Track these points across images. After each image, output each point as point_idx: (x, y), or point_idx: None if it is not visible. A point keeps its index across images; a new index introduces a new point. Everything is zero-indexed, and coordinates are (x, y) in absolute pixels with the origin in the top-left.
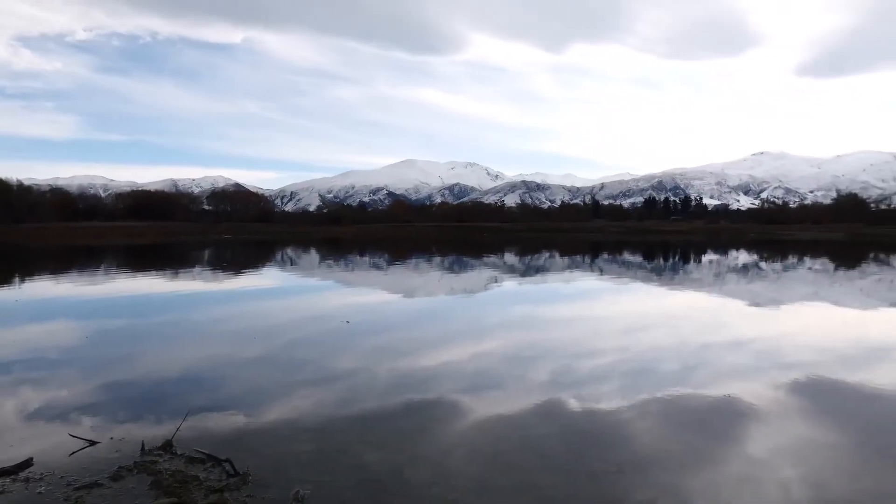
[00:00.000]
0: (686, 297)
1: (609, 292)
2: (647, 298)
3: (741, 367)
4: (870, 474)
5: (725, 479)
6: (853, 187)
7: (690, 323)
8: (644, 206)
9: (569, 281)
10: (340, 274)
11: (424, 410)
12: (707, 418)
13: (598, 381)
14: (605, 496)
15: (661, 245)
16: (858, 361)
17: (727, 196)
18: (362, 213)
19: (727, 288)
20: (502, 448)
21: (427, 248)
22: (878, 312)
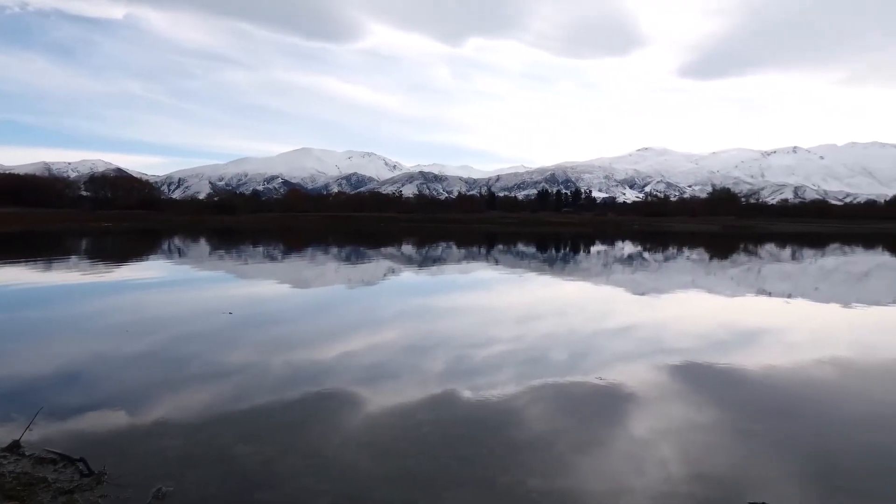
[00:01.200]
0: (576, 286)
1: (504, 282)
2: (539, 288)
3: (625, 354)
4: (739, 451)
5: (607, 459)
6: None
7: (580, 312)
8: (537, 198)
9: (465, 272)
10: (232, 265)
11: (308, 403)
12: (593, 402)
13: (491, 369)
14: (473, 478)
15: (554, 236)
16: (730, 346)
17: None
18: (256, 201)
19: (614, 278)
20: (382, 437)
21: (323, 238)
22: (747, 300)
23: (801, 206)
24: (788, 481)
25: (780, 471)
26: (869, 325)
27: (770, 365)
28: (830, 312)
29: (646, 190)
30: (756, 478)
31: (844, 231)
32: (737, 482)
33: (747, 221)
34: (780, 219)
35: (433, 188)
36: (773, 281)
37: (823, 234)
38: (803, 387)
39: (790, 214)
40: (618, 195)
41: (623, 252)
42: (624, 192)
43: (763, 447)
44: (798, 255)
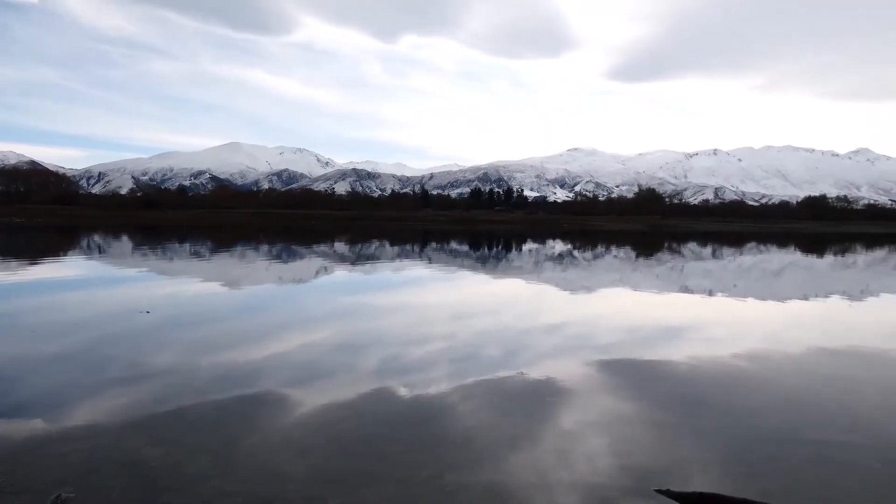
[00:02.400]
0: (508, 284)
1: (438, 280)
2: (473, 286)
3: (555, 349)
4: (665, 443)
5: (533, 453)
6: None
7: (513, 309)
8: (471, 196)
9: (398, 270)
10: (155, 263)
11: (230, 405)
12: (524, 398)
13: (424, 367)
14: (393, 475)
15: (487, 234)
16: (655, 340)
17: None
18: (182, 197)
19: (545, 276)
20: (305, 437)
21: (253, 235)
22: (671, 296)
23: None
24: (704, 468)
25: (698, 459)
26: (781, 320)
27: (692, 358)
28: (747, 308)
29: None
30: (674, 465)
31: (760, 230)
32: (657, 471)
33: (671, 220)
34: (701, 218)
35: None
36: (696, 278)
37: (741, 233)
38: (722, 378)
39: (711, 214)
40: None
41: (554, 250)
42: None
43: (683, 437)
44: (718, 253)
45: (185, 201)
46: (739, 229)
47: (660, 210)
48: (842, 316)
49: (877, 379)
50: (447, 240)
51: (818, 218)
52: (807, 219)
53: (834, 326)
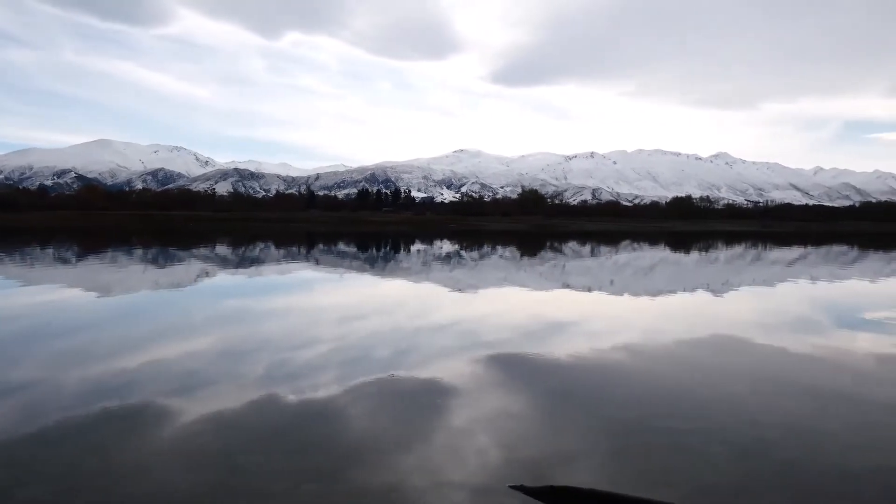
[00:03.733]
0: (398, 285)
1: (325, 282)
2: (361, 287)
3: (445, 348)
4: (550, 436)
5: (427, 451)
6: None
7: (402, 309)
8: (358, 197)
9: (284, 272)
10: (12, 269)
11: (100, 419)
12: (415, 397)
13: (313, 371)
14: (244, 487)
15: (375, 235)
16: (540, 336)
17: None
18: (44, 198)
19: (434, 275)
20: (185, 447)
21: (127, 238)
22: (554, 293)
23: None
24: (587, 459)
25: (581, 450)
26: (654, 313)
27: (574, 352)
28: (623, 302)
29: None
30: (558, 457)
31: (634, 229)
32: (543, 463)
33: (553, 220)
34: (580, 218)
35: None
36: (576, 276)
37: (617, 232)
38: (601, 371)
39: (589, 214)
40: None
41: (442, 250)
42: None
43: (558, 430)
44: (596, 251)
45: (48, 202)
46: (615, 228)
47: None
48: (707, 308)
49: (734, 367)
50: (334, 241)
51: (684, 217)
52: (675, 218)
53: (700, 318)
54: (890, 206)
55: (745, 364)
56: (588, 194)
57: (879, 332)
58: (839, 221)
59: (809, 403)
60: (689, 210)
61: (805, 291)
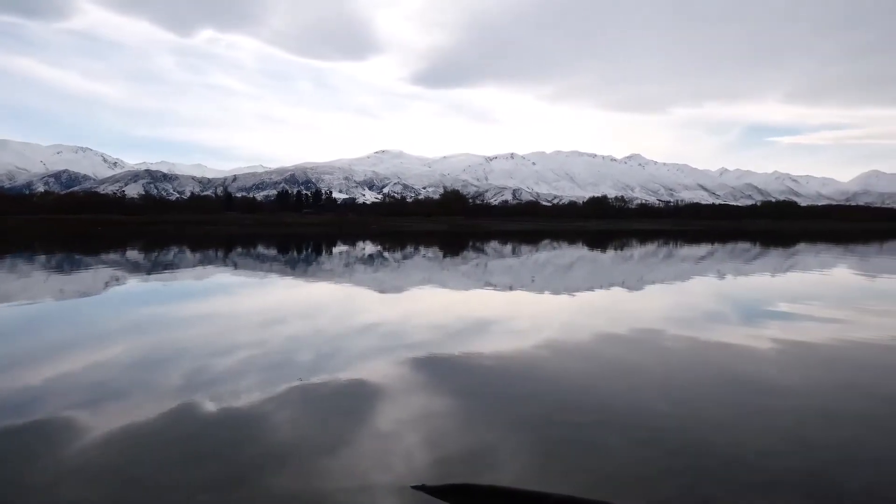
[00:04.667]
0: (320, 287)
1: (245, 287)
2: (283, 291)
3: (370, 350)
4: (473, 433)
5: (357, 458)
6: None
7: (325, 312)
8: (277, 198)
9: (201, 277)
10: None
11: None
12: (341, 401)
13: (233, 378)
14: (189, 490)
15: (295, 237)
16: (464, 335)
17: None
18: None
19: (357, 277)
20: (95, 463)
21: (28, 245)
22: (477, 292)
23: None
24: (511, 456)
25: (507, 447)
26: (574, 309)
27: (496, 351)
28: (544, 300)
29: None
30: (472, 455)
31: (553, 228)
32: (456, 461)
33: (475, 220)
34: (501, 218)
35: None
36: (498, 275)
37: (537, 231)
38: (523, 368)
39: (510, 214)
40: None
41: (364, 252)
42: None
43: (482, 427)
44: (517, 250)
45: None
46: (535, 228)
47: (464, 210)
48: (623, 304)
49: (642, 361)
50: (254, 244)
51: (601, 216)
52: (592, 217)
53: (616, 314)
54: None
55: (652, 358)
56: (509, 194)
57: (779, 324)
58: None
59: (708, 394)
60: (605, 209)
61: (712, 286)
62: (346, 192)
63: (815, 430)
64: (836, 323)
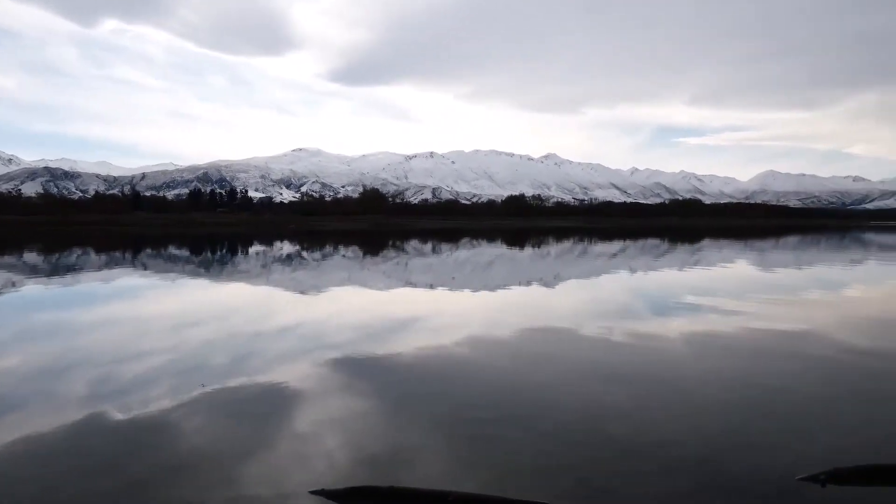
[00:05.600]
0: (235, 289)
1: (155, 289)
2: (196, 293)
3: (289, 352)
4: (396, 433)
5: (274, 463)
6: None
7: (241, 314)
8: (190, 197)
9: (108, 280)
10: None
11: None
12: (258, 405)
13: (144, 385)
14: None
15: (209, 238)
16: (385, 335)
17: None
18: None
19: (274, 277)
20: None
21: None
22: (398, 292)
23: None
24: (421, 455)
25: (418, 446)
26: (494, 307)
27: (416, 350)
28: (465, 297)
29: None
30: (396, 454)
31: (472, 226)
32: (389, 462)
33: (395, 219)
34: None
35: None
36: (419, 273)
37: (457, 230)
38: (447, 366)
39: (430, 212)
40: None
41: (282, 252)
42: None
43: (408, 427)
44: (437, 249)
45: None
46: (455, 226)
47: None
48: (540, 300)
49: (551, 356)
50: (164, 245)
51: (519, 214)
52: (510, 215)
53: (533, 310)
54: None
55: (563, 352)
56: (428, 193)
57: (685, 316)
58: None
59: (613, 385)
60: (523, 208)
61: (625, 282)
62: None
63: (710, 417)
64: (737, 314)
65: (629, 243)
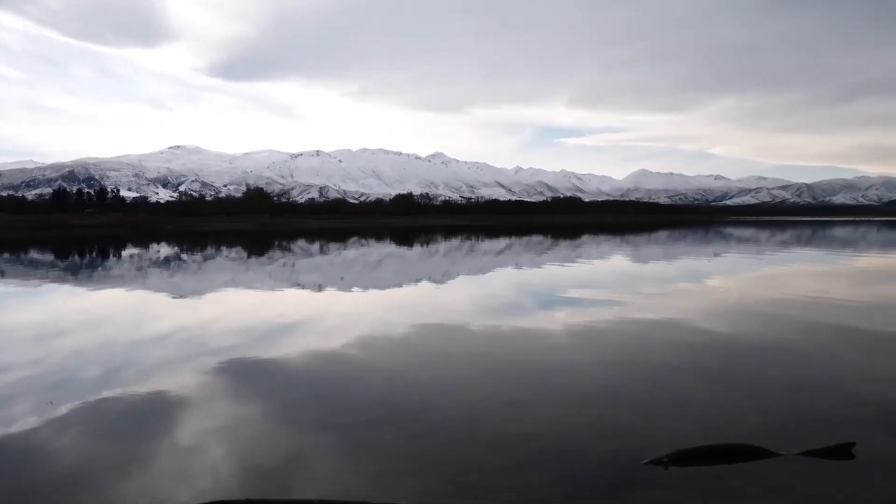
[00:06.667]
0: (108, 295)
1: (14, 297)
2: (63, 301)
3: (169, 360)
4: (284, 440)
5: (155, 477)
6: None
7: (114, 322)
8: (54, 197)
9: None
10: None
11: None
12: (136, 418)
13: (3, 403)
14: None
15: (77, 240)
16: (272, 338)
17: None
18: None
19: (151, 282)
20: None
21: None
22: (285, 293)
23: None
24: (317, 463)
25: (310, 453)
26: (384, 306)
27: (307, 352)
28: (354, 298)
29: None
30: (291, 461)
31: (361, 226)
32: (276, 471)
33: (281, 219)
34: (308, 216)
35: None
36: (307, 274)
37: (345, 229)
38: (336, 368)
39: (317, 212)
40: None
41: (159, 254)
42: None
43: (300, 432)
44: (325, 248)
45: None
46: (343, 225)
47: (269, 209)
48: (430, 298)
49: (434, 355)
50: (24, 248)
51: (407, 213)
52: (398, 214)
53: (423, 308)
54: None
55: (447, 350)
56: (315, 192)
57: (567, 310)
58: (536, 214)
59: (485, 383)
60: (411, 206)
61: (510, 277)
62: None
63: (573, 408)
64: (612, 306)
65: (514, 240)
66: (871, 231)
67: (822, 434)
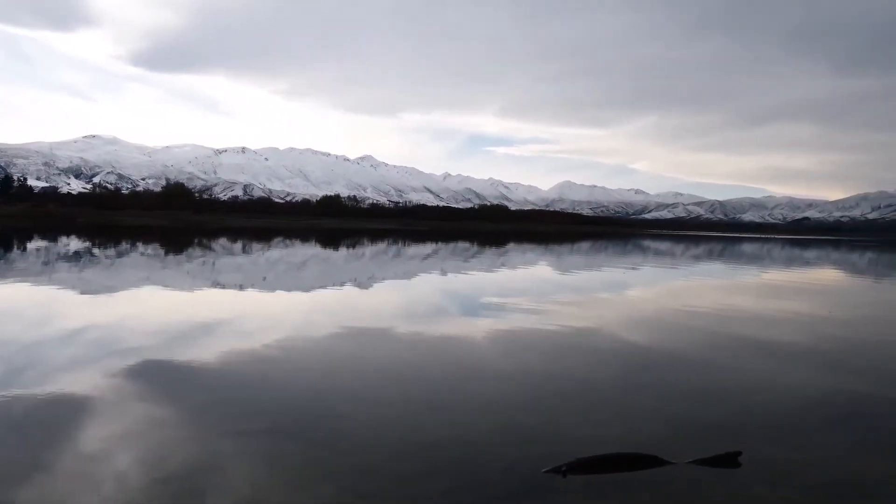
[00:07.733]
0: (10, 289)
1: None
2: None
3: (75, 360)
4: (196, 446)
5: (56, 486)
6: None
7: (16, 319)
8: None
9: None
10: None
11: None
12: (37, 421)
13: None
14: None
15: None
16: (189, 339)
17: (57, 178)
18: None
19: (58, 277)
20: None
21: None
22: (204, 293)
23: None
24: (224, 470)
25: (220, 461)
26: (307, 308)
27: (225, 354)
28: (277, 299)
29: (94, 181)
30: (202, 469)
31: (286, 226)
32: (185, 478)
33: (201, 216)
34: (232, 213)
35: None
36: (228, 273)
37: (269, 229)
38: (254, 371)
39: (241, 210)
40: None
41: (69, 248)
42: (69, 181)
43: (212, 438)
44: (248, 248)
45: None
46: (267, 225)
47: (190, 205)
48: (354, 301)
49: (352, 361)
50: None
51: (334, 215)
52: (325, 215)
53: (347, 311)
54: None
55: (367, 354)
56: (239, 190)
57: (489, 317)
58: (463, 220)
59: (395, 389)
60: (338, 208)
61: (437, 283)
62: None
63: (478, 416)
64: (536, 314)
65: (441, 246)
66: (776, 248)
67: (716, 442)
